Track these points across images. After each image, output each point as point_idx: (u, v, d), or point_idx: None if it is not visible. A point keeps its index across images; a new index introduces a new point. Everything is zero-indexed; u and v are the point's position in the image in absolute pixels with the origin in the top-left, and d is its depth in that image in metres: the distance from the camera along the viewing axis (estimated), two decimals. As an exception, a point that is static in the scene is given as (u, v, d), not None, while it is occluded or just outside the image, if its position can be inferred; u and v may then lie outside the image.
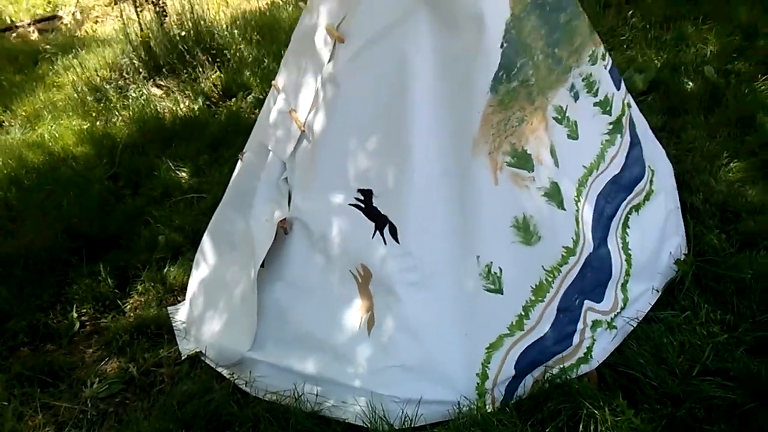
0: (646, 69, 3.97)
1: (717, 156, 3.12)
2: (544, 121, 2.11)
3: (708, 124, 3.43)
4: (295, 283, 2.21)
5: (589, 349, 2.15)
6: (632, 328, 2.26)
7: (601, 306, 2.22)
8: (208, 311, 2.44)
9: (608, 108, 2.35)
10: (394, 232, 2.05)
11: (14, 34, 6.68)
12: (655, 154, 2.76)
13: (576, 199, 2.19)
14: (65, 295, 2.79)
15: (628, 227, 2.36)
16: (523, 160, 2.06)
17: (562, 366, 2.12)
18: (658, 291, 2.38)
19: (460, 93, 2.00)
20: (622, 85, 2.69)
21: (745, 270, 2.40)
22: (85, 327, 2.68)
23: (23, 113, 4.69)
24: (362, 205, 2.09)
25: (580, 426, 1.94)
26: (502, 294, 2.07)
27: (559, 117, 2.20)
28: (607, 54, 2.63)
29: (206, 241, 2.55)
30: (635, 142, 2.44)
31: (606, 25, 4.85)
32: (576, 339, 2.14)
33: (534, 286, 2.10)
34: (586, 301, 2.17)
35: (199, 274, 2.57)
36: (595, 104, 2.31)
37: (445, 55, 1.99)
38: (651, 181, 2.49)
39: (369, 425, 2.00)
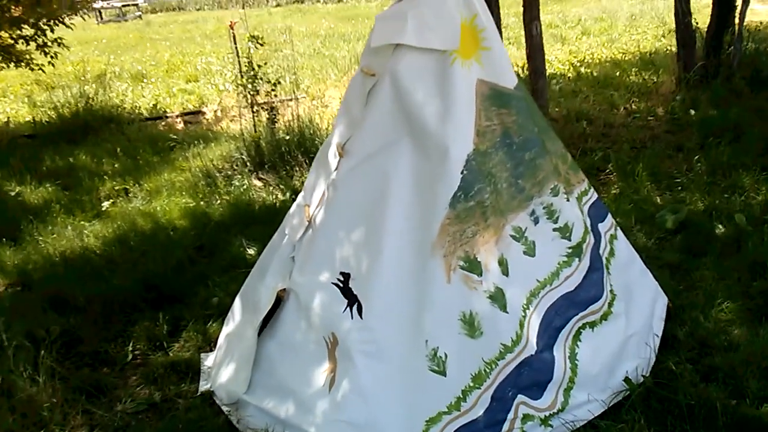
0: (679, 210, 4.24)
1: (715, 296, 3.32)
2: (495, 236, 2.55)
3: (722, 266, 3.63)
4: (283, 342, 2.73)
5: (517, 438, 2.46)
6: (568, 431, 2.52)
7: (537, 403, 2.52)
8: (225, 359, 2.98)
9: (568, 234, 2.73)
10: (360, 310, 2.54)
11: (163, 123, 7.96)
12: (640, 284, 3.07)
13: (525, 306, 2.57)
14: (127, 333, 3.46)
15: (580, 341, 2.67)
16: (474, 266, 2.50)
17: (491, 450, 2.44)
18: (604, 404, 2.63)
19: (425, 205, 2.51)
20: (609, 218, 3.07)
21: (694, 397, 2.61)
22: (136, 359, 3.31)
23: (147, 188, 5.67)
24: (341, 285, 2.60)
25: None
26: (444, 376, 2.46)
27: (517, 236, 2.62)
28: (591, 190, 3.05)
29: (236, 303, 3.13)
30: (596, 267, 2.79)
31: (672, 167, 5.17)
32: (506, 426, 2.46)
33: (473, 374, 2.47)
34: (519, 395, 2.50)
35: (226, 329, 3.14)
36: (555, 229, 2.71)
37: (418, 175, 2.54)
38: (610, 304, 2.79)
39: (315, 466, 2.41)
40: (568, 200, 2.78)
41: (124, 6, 23.75)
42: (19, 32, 7.54)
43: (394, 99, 2.61)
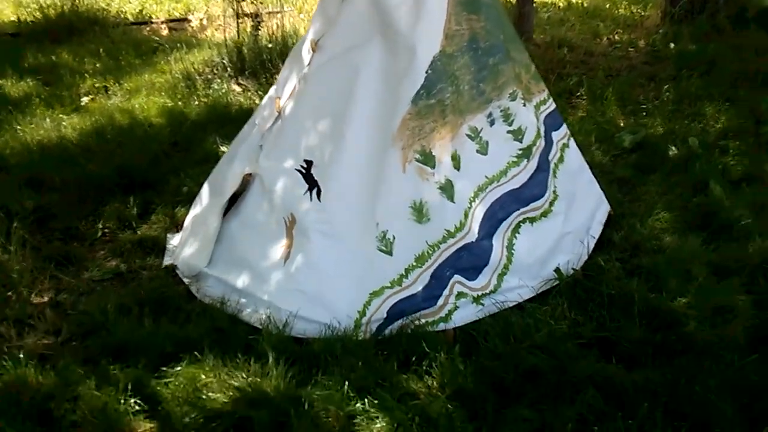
0: (637, 132, 4.41)
1: (654, 207, 3.54)
2: (451, 133, 2.73)
3: (667, 183, 3.84)
4: (246, 220, 2.94)
5: (450, 312, 2.70)
6: (497, 309, 2.76)
7: (472, 284, 2.76)
8: (189, 238, 3.18)
9: (520, 137, 2.93)
10: (318, 193, 2.74)
11: (148, 28, 7.95)
12: (585, 191, 3.27)
13: (471, 198, 2.78)
14: (99, 212, 3.65)
15: (519, 233, 2.89)
16: (428, 159, 2.69)
17: (426, 320, 2.68)
18: (533, 289, 2.87)
19: (389, 101, 2.70)
20: (563, 127, 3.26)
21: (615, 289, 2.84)
22: (105, 236, 3.51)
23: (127, 87, 5.76)
24: (304, 171, 2.79)
25: (413, 359, 2.48)
26: (391, 255, 2.69)
27: (472, 135, 2.81)
28: (550, 100, 3.22)
29: (204, 188, 3.31)
30: (543, 168, 2.99)
31: (641, 95, 5.32)
32: (441, 301, 2.70)
33: (417, 255, 2.70)
34: (456, 275, 2.72)
35: (193, 212, 3.33)
36: (508, 132, 2.90)
37: (386, 72, 2.71)
38: (551, 204, 3.00)
39: (262, 328, 2.64)
40: (524, 106, 2.95)
41: None
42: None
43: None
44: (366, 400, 2.29)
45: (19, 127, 4.83)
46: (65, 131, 4.75)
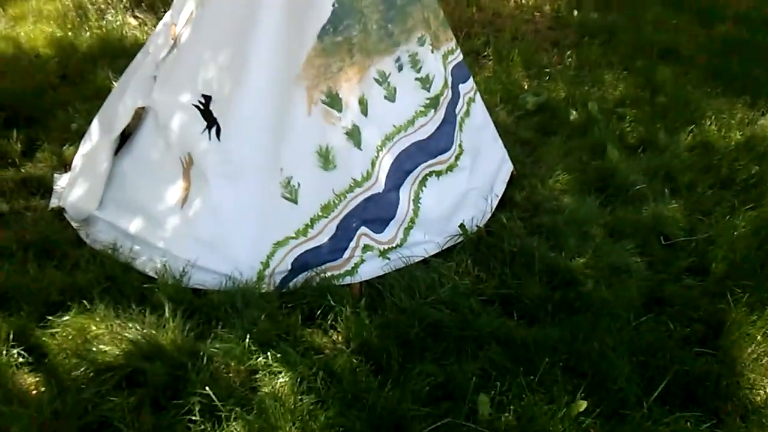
0: (540, 94, 4.50)
1: (555, 168, 3.63)
2: (358, 74, 2.63)
3: (567, 145, 3.94)
4: (139, 159, 2.75)
5: (356, 265, 2.66)
6: (403, 264, 2.75)
7: (379, 237, 2.72)
8: (78, 178, 2.96)
9: (428, 86, 2.86)
10: (218, 132, 2.58)
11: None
12: (489, 147, 3.28)
13: (379, 147, 2.71)
14: (-22, 147, 3.32)
15: (425, 186, 2.87)
16: (335, 102, 2.58)
17: (332, 274, 2.63)
18: (439, 245, 2.88)
19: (294, 35, 2.53)
20: (470, 81, 3.23)
21: (517, 247, 2.90)
22: (-16, 173, 3.20)
23: (12, 14, 5.24)
24: (201, 107, 2.61)
25: (318, 312, 2.44)
26: (296, 204, 2.59)
27: (380, 80, 2.72)
28: (458, 50, 3.17)
29: (93, 124, 3.07)
30: (450, 121, 2.95)
31: (545, 59, 5.40)
32: (347, 254, 2.65)
33: (323, 204, 2.61)
34: (362, 227, 2.67)
35: (82, 149, 3.09)
36: (416, 79, 2.83)
37: (290, 2, 2.53)
38: (457, 157, 2.99)
39: (158, 278, 2.51)
40: (432, 53, 2.88)
41: None
42: None
43: None
44: (268, 354, 2.24)
45: None
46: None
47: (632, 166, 3.65)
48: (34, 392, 2.08)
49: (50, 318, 2.30)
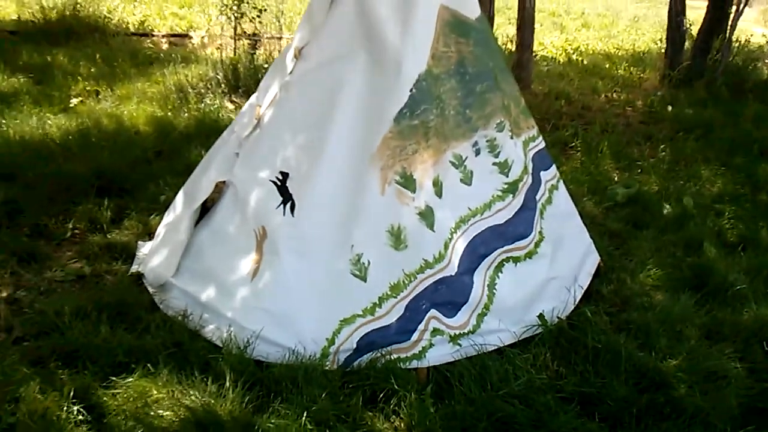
0: (631, 186, 4.33)
1: (646, 263, 3.42)
2: (434, 157, 2.61)
3: (660, 240, 3.73)
4: (216, 231, 2.78)
5: (424, 349, 2.54)
6: (475, 352, 2.60)
7: (450, 321, 2.60)
8: (159, 246, 3.02)
9: (506, 170, 2.81)
10: (293, 208, 2.59)
11: (148, 40, 7.88)
12: (574, 237, 3.15)
13: (453, 229, 2.64)
14: (70, 212, 3.49)
15: (501, 272, 2.75)
16: (409, 182, 2.56)
17: (398, 356, 2.51)
18: (515, 335, 2.71)
19: (371, 118, 2.58)
20: (552, 168, 3.15)
21: (602, 342, 2.69)
22: (75, 237, 3.34)
23: (119, 93, 5.64)
24: (279, 183, 2.65)
25: (381, 395, 2.31)
26: (365, 282, 2.53)
27: (457, 163, 2.69)
28: (539, 138, 3.12)
29: (178, 196, 3.16)
30: (529, 207, 2.86)
31: (637, 153, 5.25)
32: (415, 336, 2.54)
33: (392, 283, 2.54)
34: (432, 310, 2.57)
35: (166, 219, 3.17)
36: (494, 164, 2.78)
37: (369, 87, 2.60)
38: (537, 245, 2.87)
39: (223, 346, 2.47)
40: (511, 138, 2.84)
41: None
42: None
43: (356, 10, 2.64)
44: (323, 434, 2.12)
45: (3, 121, 4.68)
46: (49, 129, 4.62)
47: (731, 264, 3.41)
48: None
49: (114, 378, 2.29)
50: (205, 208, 2.96)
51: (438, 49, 2.65)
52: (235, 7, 5.68)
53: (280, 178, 2.65)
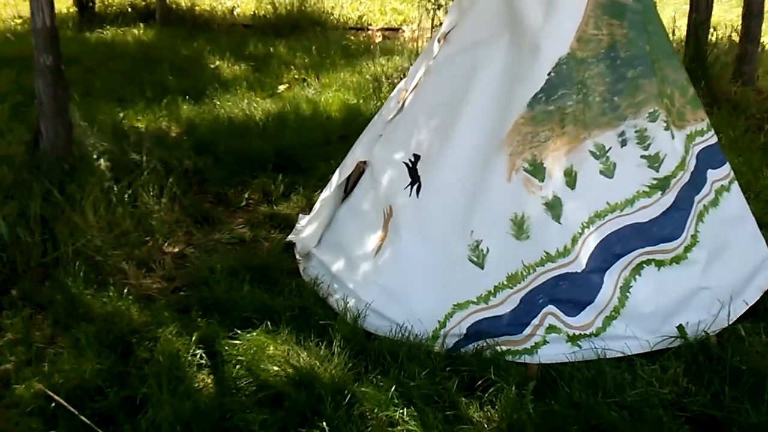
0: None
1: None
2: (568, 145, 2.49)
3: None
4: (352, 207, 2.94)
5: (537, 344, 2.45)
6: (594, 356, 2.45)
7: (571, 320, 2.48)
8: (312, 219, 3.25)
9: (656, 165, 2.58)
10: (419, 189, 2.65)
11: (364, 34, 8.37)
12: (744, 246, 2.83)
13: (585, 223, 2.51)
14: (248, 183, 3.89)
15: (639, 275, 2.54)
16: (538, 170, 2.49)
17: (508, 348, 2.46)
18: (647, 344, 2.51)
19: (504, 101, 2.54)
20: (725, 167, 2.85)
21: (747, 364, 2.39)
22: (249, 207, 3.72)
23: (323, 82, 6.09)
24: (410, 165, 2.72)
25: (479, 383, 2.29)
26: (482, 269, 2.52)
27: (598, 153, 2.54)
28: (710, 132, 2.82)
29: (335, 174, 3.36)
30: (682, 207, 2.60)
31: None
32: (527, 330, 2.46)
33: (510, 274, 2.49)
34: (550, 305, 2.47)
35: (322, 195, 3.40)
36: (643, 156, 2.57)
37: (506, 70, 2.56)
38: (687, 249, 2.60)
39: (339, 313, 2.62)
40: (666, 130, 2.61)
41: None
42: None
43: (502, -8, 2.61)
44: (411, 410, 2.15)
45: (218, 102, 5.32)
46: (254, 111, 5.14)
47: None
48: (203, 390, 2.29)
49: (239, 331, 2.53)
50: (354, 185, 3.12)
51: (586, 31, 2.53)
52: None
53: (413, 159, 2.72)
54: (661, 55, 2.68)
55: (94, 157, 3.45)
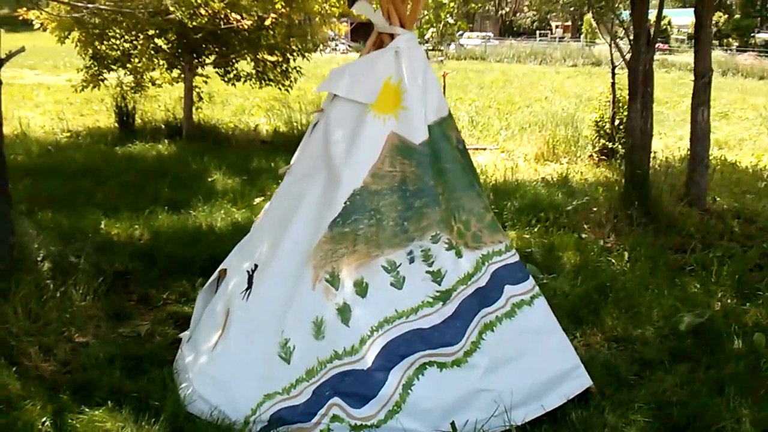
0: (701, 316, 3.95)
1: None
2: (359, 261, 3.00)
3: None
4: (212, 307, 3.46)
5: (323, 431, 2.86)
6: (379, 446, 2.83)
7: (354, 412, 2.89)
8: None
9: (439, 279, 3.03)
10: (249, 294, 3.17)
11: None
12: (543, 355, 3.18)
13: (374, 327, 2.97)
14: (170, 286, 4.49)
15: (422, 374, 2.94)
16: (335, 280, 3.00)
17: (301, 435, 2.88)
18: (425, 438, 2.87)
19: (314, 224, 3.10)
20: (526, 283, 3.25)
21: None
22: (165, 305, 4.29)
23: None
24: (250, 273, 3.27)
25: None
26: (288, 363, 2.99)
27: (389, 268, 3.02)
28: (510, 252, 3.25)
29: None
30: (463, 317, 3.02)
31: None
32: (315, 419, 2.89)
33: (308, 369, 2.96)
34: (335, 398, 2.89)
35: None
36: (427, 272, 3.03)
37: (321, 198, 3.14)
38: (467, 354, 2.98)
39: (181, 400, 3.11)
40: (449, 249, 3.06)
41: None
42: (270, 57, 9.30)
43: (323, 134, 3.23)
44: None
45: (193, 213, 6.03)
46: (220, 221, 5.82)
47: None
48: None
49: (86, 408, 3.04)
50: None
51: (382, 168, 3.08)
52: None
53: (253, 268, 3.27)
54: (458, 188, 3.18)
55: (38, 259, 4.14)
